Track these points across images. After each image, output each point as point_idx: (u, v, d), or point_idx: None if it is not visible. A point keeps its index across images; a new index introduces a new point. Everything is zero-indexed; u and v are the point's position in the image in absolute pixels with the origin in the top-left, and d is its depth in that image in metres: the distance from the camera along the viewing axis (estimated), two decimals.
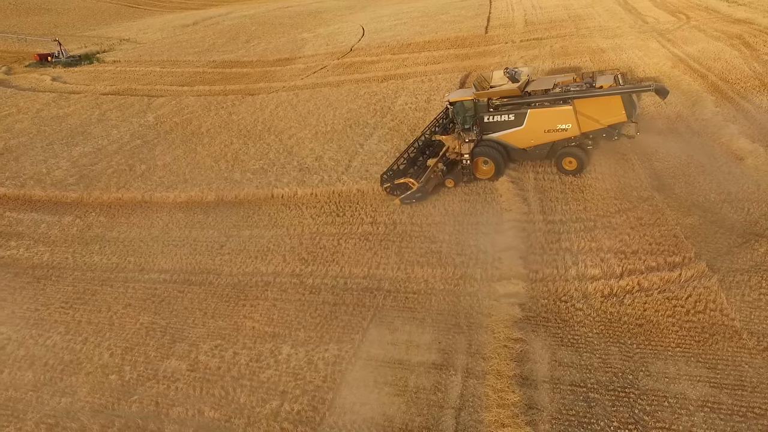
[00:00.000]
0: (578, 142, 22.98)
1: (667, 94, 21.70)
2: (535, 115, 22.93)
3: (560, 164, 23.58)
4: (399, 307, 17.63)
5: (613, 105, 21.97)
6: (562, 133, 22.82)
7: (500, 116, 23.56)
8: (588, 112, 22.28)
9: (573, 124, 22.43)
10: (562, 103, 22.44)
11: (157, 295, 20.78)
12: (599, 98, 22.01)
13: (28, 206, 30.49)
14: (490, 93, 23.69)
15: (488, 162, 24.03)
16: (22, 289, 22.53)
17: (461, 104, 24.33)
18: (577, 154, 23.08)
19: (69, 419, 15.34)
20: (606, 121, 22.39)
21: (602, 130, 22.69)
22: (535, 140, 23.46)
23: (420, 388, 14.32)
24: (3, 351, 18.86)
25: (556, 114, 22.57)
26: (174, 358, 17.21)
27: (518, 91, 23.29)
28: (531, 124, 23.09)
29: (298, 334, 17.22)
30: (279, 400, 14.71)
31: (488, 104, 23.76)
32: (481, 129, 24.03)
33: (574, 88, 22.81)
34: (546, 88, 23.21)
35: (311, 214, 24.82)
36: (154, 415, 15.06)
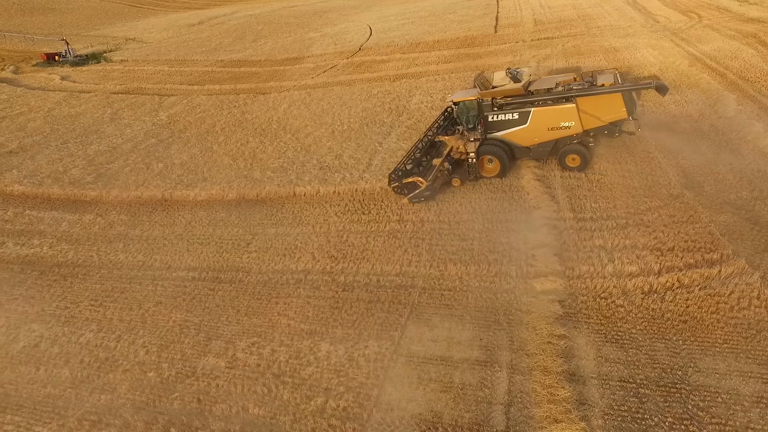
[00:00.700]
0: (580, 139, 23.46)
1: (667, 90, 22.42)
2: (538, 113, 23.44)
3: (563, 161, 24.07)
4: (435, 304, 17.61)
5: (615, 102, 22.55)
6: (565, 130, 23.32)
7: (504, 115, 24.05)
8: (590, 110, 22.82)
9: (576, 121, 22.97)
10: (565, 101, 22.97)
11: (187, 292, 20.72)
12: (601, 96, 22.55)
13: (47, 204, 30.45)
14: (494, 92, 24.02)
15: (493, 160, 24.43)
16: (50, 287, 22.50)
17: (465, 104, 24.70)
18: (580, 151, 23.63)
19: (111, 416, 15.30)
20: (607, 119, 22.94)
21: (604, 127, 23.25)
22: (538, 138, 23.95)
23: (466, 385, 14.32)
24: (37, 348, 18.81)
25: (560, 112, 23.08)
26: (211, 356, 17.18)
27: (522, 91, 23.65)
28: (535, 123, 23.58)
29: (336, 332, 17.18)
30: (323, 397, 14.70)
31: (492, 103, 24.01)
32: (485, 128, 24.21)
33: (576, 87, 23.21)
34: (548, 87, 23.63)
35: (336, 212, 24.78)
36: (197, 412, 15.03)
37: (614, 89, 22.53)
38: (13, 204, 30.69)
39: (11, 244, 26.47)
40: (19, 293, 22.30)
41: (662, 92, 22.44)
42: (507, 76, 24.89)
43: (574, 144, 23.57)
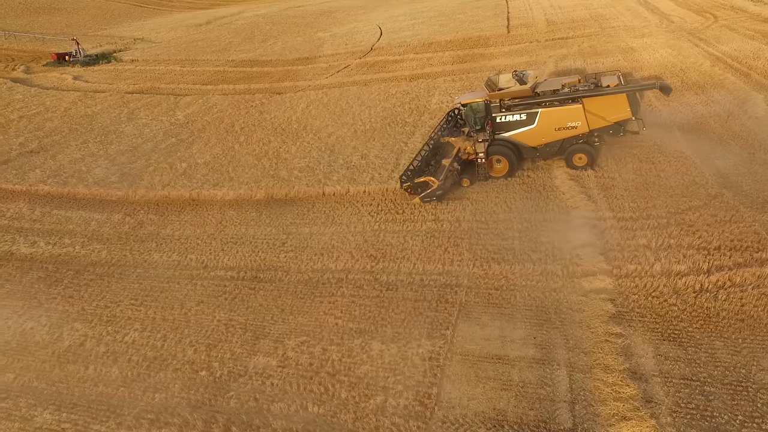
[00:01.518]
0: (586, 139, 24.02)
1: (671, 90, 23.41)
2: (546, 114, 24.01)
3: (570, 161, 24.64)
4: (483, 303, 17.72)
5: (619, 103, 23.20)
6: (571, 130, 23.93)
7: (512, 116, 24.54)
8: (596, 110, 23.39)
9: (582, 121, 23.57)
10: (572, 102, 23.57)
11: (227, 292, 20.79)
12: (606, 97, 23.20)
13: (73, 204, 30.52)
14: (503, 94, 24.50)
15: (501, 160, 24.93)
16: (87, 286, 22.59)
17: (472, 106, 25.17)
18: (587, 150, 24.22)
19: (169, 414, 15.38)
20: (612, 118, 23.55)
21: (609, 127, 23.84)
22: (546, 138, 24.46)
23: (525, 383, 14.42)
24: (83, 347, 18.92)
25: (567, 112, 23.69)
26: (261, 355, 17.28)
27: (530, 92, 24.15)
28: (542, 123, 24.14)
29: (385, 330, 17.29)
30: (382, 396, 14.78)
31: (500, 105, 24.47)
32: (493, 129, 24.66)
33: (582, 88, 23.85)
34: (555, 89, 24.14)
35: (368, 211, 24.88)
36: (255, 410, 15.13)
37: (619, 90, 23.22)
38: (40, 204, 30.72)
39: (42, 243, 26.51)
40: (57, 292, 22.36)
41: (666, 92, 23.31)
42: (513, 78, 25.43)
43: (581, 143, 24.11)
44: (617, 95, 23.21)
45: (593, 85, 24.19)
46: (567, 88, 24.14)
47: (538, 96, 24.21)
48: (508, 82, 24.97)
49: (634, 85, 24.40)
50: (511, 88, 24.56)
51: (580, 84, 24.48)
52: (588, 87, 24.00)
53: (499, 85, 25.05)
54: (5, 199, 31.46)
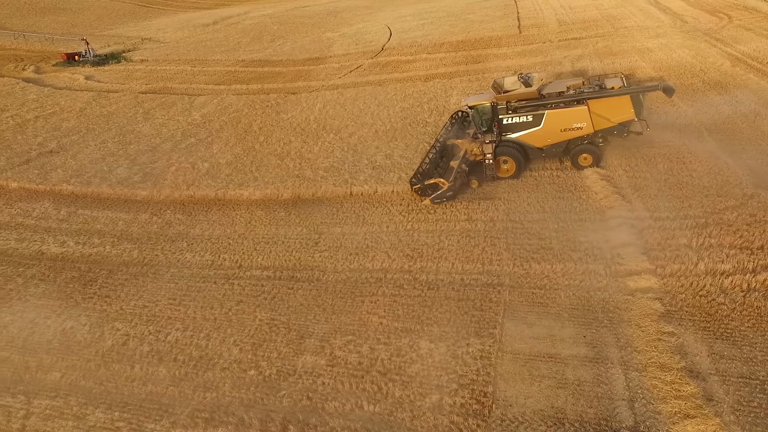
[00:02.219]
0: (590, 139, 24.64)
1: (673, 92, 24.14)
2: (552, 115, 24.55)
3: (576, 161, 25.31)
4: (528, 302, 17.86)
5: (623, 104, 23.86)
6: (577, 131, 24.51)
7: (519, 118, 25.02)
8: (600, 112, 24.01)
9: (587, 123, 24.15)
10: (577, 103, 24.14)
11: (266, 291, 20.90)
12: (610, 99, 23.86)
13: (98, 204, 30.60)
14: (510, 96, 24.91)
15: (508, 161, 25.48)
16: (122, 285, 22.67)
17: (479, 108, 25.51)
18: (592, 150, 24.95)
19: (223, 413, 15.48)
20: (617, 120, 24.18)
21: (613, 128, 24.44)
22: (551, 139, 25.02)
23: (581, 381, 14.55)
24: (126, 347, 19.02)
25: (572, 114, 24.28)
26: (308, 354, 17.39)
27: (536, 94, 24.62)
28: (548, 124, 24.66)
29: (432, 329, 17.40)
30: (437, 394, 14.90)
31: (507, 107, 24.89)
32: (499, 130, 25.12)
33: (587, 90, 24.43)
34: (560, 91, 24.70)
35: (399, 211, 25.00)
36: (310, 409, 15.26)
37: (623, 92, 23.92)
38: (65, 203, 30.78)
39: (72, 243, 26.60)
40: (92, 292, 22.50)
41: (669, 93, 23.98)
42: (518, 81, 25.89)
43: (586, 144, 24.76)
44: (621, 97, 23.88)
45: (597, 87, 24.81)
46: (572, 90, 24.74)
47: (544, 98, 24.70)
48: (514, 84, 25.52)
49: (638, 87, 25.14)
50: (517, 90, 25.05)
51: (585, 86, 25.07)
52: (592, 89, 24.64)
53: (504, 87, 25.57)
54: (30, 198, 31.49)
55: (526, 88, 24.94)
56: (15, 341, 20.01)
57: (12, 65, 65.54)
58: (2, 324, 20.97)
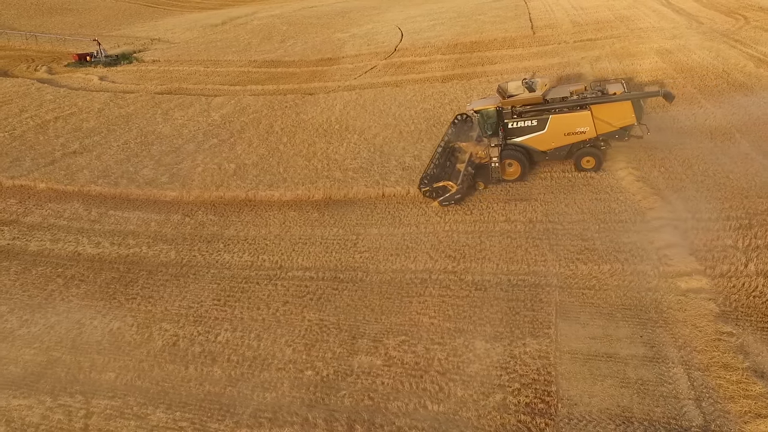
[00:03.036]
0: (593, 143, 25.45)
1: (673, 98, 25.05)
2: (556, 120, 25.39)
3: (579, 163, 26.08)
4: (579, 302, 18.08)
5: (625, 109, 24.64)
6: (580, 135, 25.44)
7: (523, 122, 25.80)
8: (603, 117, 24.86)
9: (590, 127, 25.04)
10: (580, 108, 24.98)
11: (310, 292, 21.09)
12: (612, 104, 24.58)
13: (127, 204, 30.76)
14: (514, 101, 25.63)
15: (513, 164, 26.14)
16: (164, 286, 22.84)
17: (485, 113, 26.28)
18: (594, 153, 25.78)
19: (286, 413, 15.67)
20: (618, 124, 25.01)
21: (615, 132, 25.28)
22: (555, 143, 25.86)
23: (643, 380, 14.78)
24: (177, 347, 19.21)
25: (576, 119, 25.14)
26: (363, 354, 17.57)
27: (540, 99, 25.33)
28: (552, 129, 25.50)
29: (485, 329, 17.60)
30: (501, 394, 15.10)
31: (512, 111, 25.62)
32: (504, 134, 25.76)
33: (590, 95, 25.16)
34: (564, 96, 25.38)
35: (435, 212, 25.22)
36: (373, 409, 15.45)
37: (624, 97, 24.60)
38: (95, 204, 30.98)
39: (107, 243, 26.75)
40: (134, 292, 22.65)
41: (669, 99, 24.85)
42: (522, 86, 26.47)
43: (588, 147, 25.58)
44: (623, 102, 24.55)
45: (599, 92, 25.45)
46: (575, 95, 25.39)
47: (548, 103, 25.40)
48: (518, 89, 26.06)
49: (639, 93, 25.97)
50: (521, 95, 25.71)
51: (587, 91, 25.75)
52: (595, 94, 25.33)
53: (509, 92, 26.11)
54: (59, 199, 31.64)
55: (530, 93, 25.66)
56: (64, 341, 20.14)
57: (24, 66, 65.59)
58: (49, 324, 21.06)
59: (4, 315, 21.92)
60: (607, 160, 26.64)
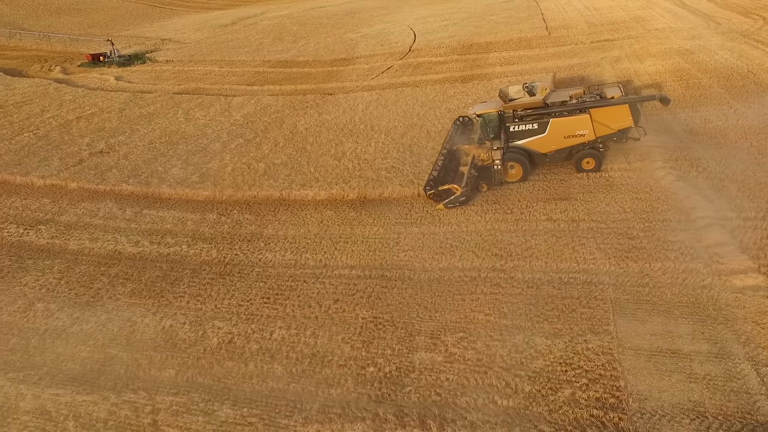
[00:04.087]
0: (592, 145, 26.22)
1: (669, 102, 26.09)
2: (556, 123, 26.15)
3: (579, 165, 26.88)
4: (634, 300, 18.33)
5: (623, 113, 25.51)
6: (579, 138, 26.17)
7: (525, 125, 26.54)
8: (601, 120, 25.68)
9: (589, 130, 25.84)
10: (580, 112, 25.80)
11: (360, 290, 21.30)
12: (611, 107, 25.46)
13: (160, 204, 30.90)
14: (516, 105, 26.51)
15: (515, 166, 26.87)
16: (210, 285, 23.02)
17: (487, 116, 27.13)
18: (594, 155, 26.56)
19: (355, 408, 15.89)
20: (616, 127, 25.85)
21: (613, 134, 26.09)
22: (555, 145, 26.60)
23: (711, 376, 15.02)
24: (233, 345, 19.38)
25: (576, 122, 25.92)
26: (422, 351, 17.81)
27: (541, 103, 26.10)
28: (553, 132, 26.27)
29: (543, 326, 17.84)
30: (569, 389, 15.33)
31: (513, 115, 26.45)
32: (506, 137, 26.42)
33: (589, 99, 26.01)
34: (563, 100, 26.19)
35: (474, 211, 25.48)
36: (441, 404, 15.70)
37: (622, 101, 25.46)
38: (128, 203, 31.15)
39: (146, 242, 26.93)
40: (181, 291, 22.83)
41: (665, 103, 25.91)
42: (523, 90, 27.23)
43: (588, 149, 26.41)
44: (621, 106, 25.39)
45: (598, 96, 26.40)
46: (574, 99, 26.21)
47: (548, 107, 26.17)
48: (519, 93, 27.09)
49: (636, 97, 27.17)
50: (522, 99, 26.62)
51: (586, 95, 26.60)
52: (593, 98, 26.20)
53: (510, 96, 27.08)
54: (91, 198, 31.84)
55: (530, 97, 26.46)
56: (118, 339, 20.35)
57: (38, 66, 65.68)
58: (100, 322, 21.27)
59: (55, 313, 21.98)
60: (640, 160, 26.79)
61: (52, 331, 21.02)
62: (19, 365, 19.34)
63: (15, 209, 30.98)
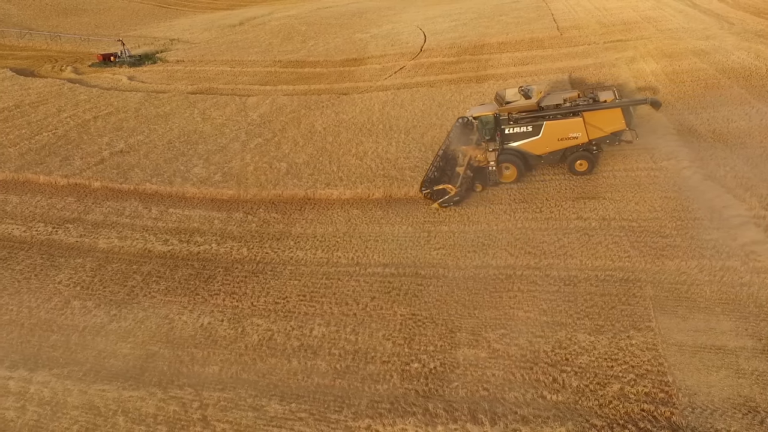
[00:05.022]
0: (585, 147, 26.82)
1: (660, 105, 26.93)
2: (550, 126, 26.77)
3: (572, 167, 27.39)
4: (673, 297, 18.54)
5: (615, 116, 26.22)
6: (573, 140, 26.76)
7: (520, 128, 27.19)
8: (594, 123, 26.34)
9: (582, 132, 26.45)
10: (573, 115, 26.36)
11: (395, 287, 21.49)
12: (603, 111, 26.11)
13: (185, 203, 31.09)
14: (511, 108, 27.12)
15: (509, 167, 27.53)
16: (243, 283, 23.21)
17: (483, 119, 27.71)
18: (587, 157, 27.08)
19: (404, 403, 16.05)
20: (609, 130, 26.52)
21: (605, 137, 26.75)
22: (549, 148, 27.23)
23: (760, 372, 15.27)
24: (274, 342, 19.58)
25: (569, 125, 26.53)
26: (465, 347, 18.00)
27: (536, 106, 26.77)
28: (547, 134, 26.89)
29: (584, 323, 18.04)
30: (617, 384, 15.55)
31: (509, 118, 27.06)
32: (502, 139, 27.13)
33: (582, 103, 26.55)
34: (557, 103, 26.89)
35: (503, 210, 25.68)
36: (490, 399, 15.90)
37: (615, 105, 26.13)
38: (153, 202, 31.34)
39: (175, 241, 27.10)
40: (216, 288, 23.01)
41: (656, 107, 26.77)
42: (519, 93, 27.80)
43: (581, 152, 26.93)
44: (613, 109, 26.04)
45: (591, 99, 26.83)
46: (568, 102, 26.80)
47: (542, 110, 26.81)
48: (515, 96, 27.68)
49: (628, 100, 27.65)
50: (517, 102, 27.17)
51: (580, 99, 27.10)
52: (587, 101, 26.71)
53: (506, 99, 27.64)
54: (116, 197, 32.01)
55: (526, 100, 27.02)
56: (157, 336, 20.53)
57: (49, 66, 65.85)
58: (138, 319, 21.46)
59: (92, 310, 22.18)
60: (666, 159, 27.03)
61: (91, 328, 21.14)
62: (62, 361, 19.47)
63: (41, 208, 31.07)
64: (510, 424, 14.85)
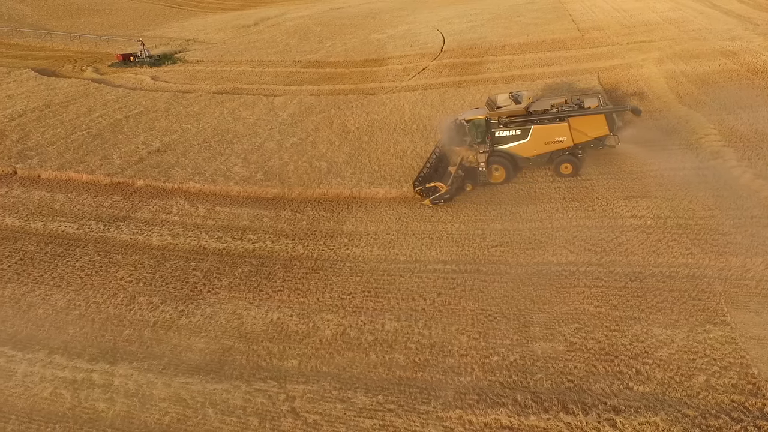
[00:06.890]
0: (570, 151, 28.40)
1: (640, 113, 28.54)
2: (537, 130, 28.39)
3: (558, 169, 28.94)
4: (743, 293, 18.99)
5: (599, 121, 27.83)
6: (559, 144, 28.40)
7: (509, 131, 28.85)
8: (579, 128, 27.85)
9: (568, 137, 27.99)
10: (559, 120, 27.96)
11: (459, 284, 21.88)
12: (588, 116, 27.66)
13: (230, 201, 31.39)
14: (501, 112, 28.70)
15: (499, 169, 28.98)
16: (305, 279, 23.57)
17: (475, 122, 29.04)
18: (572, 161, 28.68)
19: (491, 395, 16.43)
20: (593, 134, 28.12)
21: (590, 142, 28.30)
22: (537, 150, 28.79)
23: None
24: (348, 336, 20.01)
25: (555, 129, 28.12)
26: (541, 341, 18.38)
27: (524, 111, 28.38)
28: (534, 138, 28.48)
29: (658, 317, 18.46)
30: (702, 376, 15.96)
31: (499, 121, 28.59)
32: (492, 142, 28.57)
33: (568, 108, 28.21)
34: (545, 109, 28.50)
35: (555, 208, 26.10)
36: (577, 390, 16.30)
37: (599, 111, 27.68)
38: (199, 201, 31.63)
39: (229, 239, 27.44)
40: (279, 285, 23.35)
41: (636, 113, 28.27)
42: (509, 98, 29.20)
43: (566, 155, 28.49)
44: (597, 115, 27.57)
45: (577, 105, 28.38)
46: (555, 108, 28.39)
47: (530, 114, 28.44)
48: (506, 101, 29.11)
49: (611, 107, 29.65)
50: (507, 107, 28.68)
51: (566, 104, 28.65)
52: (573, 107, 28.31)
53: (498, 104, 29.07)
54: (160, 196, 32.31)
55: (516, 105, 28.47)
56: (229, 331, 20.87)
57: (69, 66, 66.17)
58: (206, 315, 21.81)
59: (159, 306, 22.58)
60: (713, 159, 27.55)
61: (161, 323, 21.50)
62: (140, 355, 19.81)
63: (89, 206, 31.44)
64: (602, 413, 15.21)
